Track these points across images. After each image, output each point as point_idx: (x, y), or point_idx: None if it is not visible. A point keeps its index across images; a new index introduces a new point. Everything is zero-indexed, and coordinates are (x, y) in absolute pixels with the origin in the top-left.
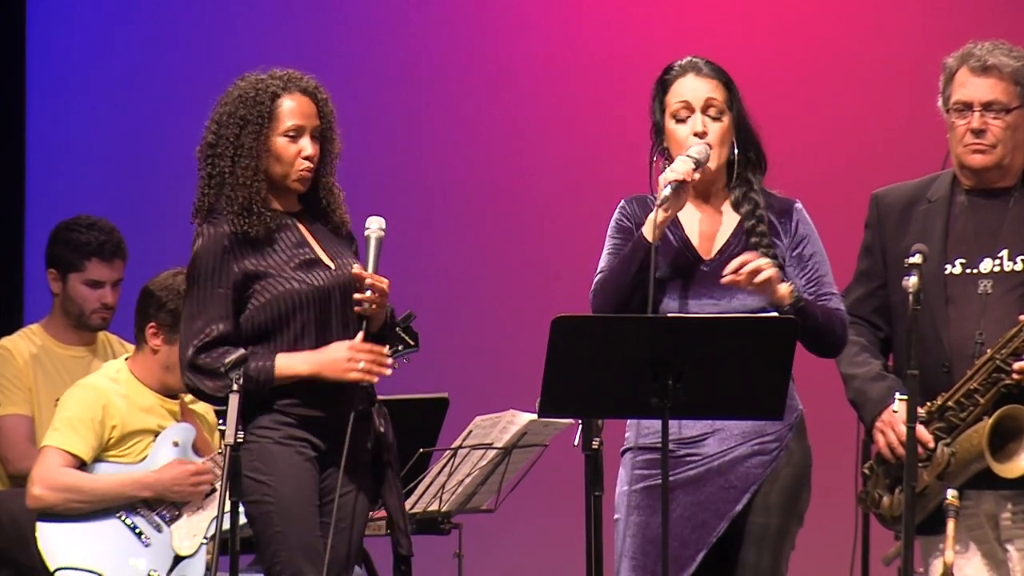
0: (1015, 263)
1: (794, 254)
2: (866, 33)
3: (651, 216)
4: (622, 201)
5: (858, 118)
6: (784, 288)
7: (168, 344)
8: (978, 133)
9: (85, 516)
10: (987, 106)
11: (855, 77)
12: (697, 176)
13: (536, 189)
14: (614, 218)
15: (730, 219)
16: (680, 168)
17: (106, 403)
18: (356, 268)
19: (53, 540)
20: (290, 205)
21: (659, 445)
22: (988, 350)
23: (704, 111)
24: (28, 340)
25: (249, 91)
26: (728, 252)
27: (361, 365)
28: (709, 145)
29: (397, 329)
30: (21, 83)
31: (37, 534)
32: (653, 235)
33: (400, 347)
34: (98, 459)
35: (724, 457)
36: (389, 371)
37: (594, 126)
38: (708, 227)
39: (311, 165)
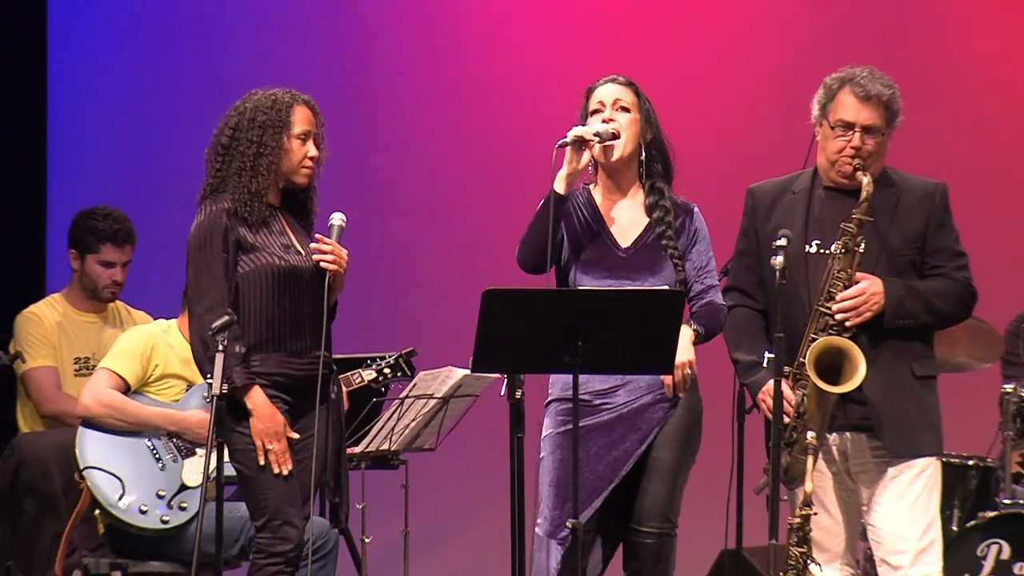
0: (859, 245)
1: (691, 248)
2: (751, 57)
3: (560, 172)
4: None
5: (737, 127)
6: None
7: None
8: (857, 150)
9: (120, 432)
10: (867, 129)
11: (735, 95)
12: (595, 141)
13: (476, 188)
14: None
15: (643, 218)
16: (580, 129)
17: (155, 344)
18: (319, 236)
19: (89, 443)
20: (275, 199)
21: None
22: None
23: (613, 106)
24: (52, 307)
25: (264, 102)
26: (641, 244)
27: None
28: (615, 132)
29: (399, 359)
30: (42, 85)
31: (77, 436)
32: (561, 187)
33: (399, 374)
34: (138, 392)
35: (632, 405)
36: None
37: (527, 134)
38: (623, 220)
39: (313, 165)
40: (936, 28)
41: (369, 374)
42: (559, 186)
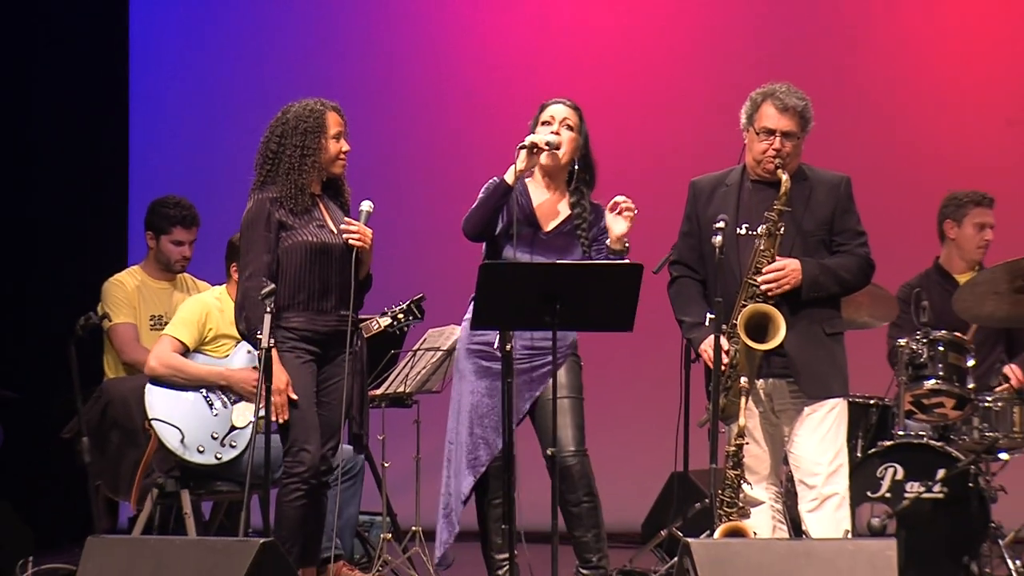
0: (779, 229)
1: (598, 239)
2: (699, 77)
3: (511, 167)
4: (494, 177)
5: (686, 131)
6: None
7: None
8: (777, 152)
9: (180, 387)
10: (785, 135)
11: (685, 106)
12: (545, 149)
13: (476, 180)
14: (486, 185)
15: (565, 210)
16: (535, 137)
17: (208, 311)
18: (347, 219)
19: (155, 398)
20: (317, 188)
21: (487, 349)
22: (744, 277)
23: (560, 123)
24: (132, 276)
25: (303, 112)
26: (559, 231)
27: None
28: (558, 144)
29: (411, 305)
30: (124, 97)
31: (146, 391)
32: (511, 179)
33: (411, 317)
34: (196, 350)
35: (529, 360)
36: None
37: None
38: (548, 209)
39: (345, 157)
40: (842, 47)
41: (385, 320)
42: (510, 178)
